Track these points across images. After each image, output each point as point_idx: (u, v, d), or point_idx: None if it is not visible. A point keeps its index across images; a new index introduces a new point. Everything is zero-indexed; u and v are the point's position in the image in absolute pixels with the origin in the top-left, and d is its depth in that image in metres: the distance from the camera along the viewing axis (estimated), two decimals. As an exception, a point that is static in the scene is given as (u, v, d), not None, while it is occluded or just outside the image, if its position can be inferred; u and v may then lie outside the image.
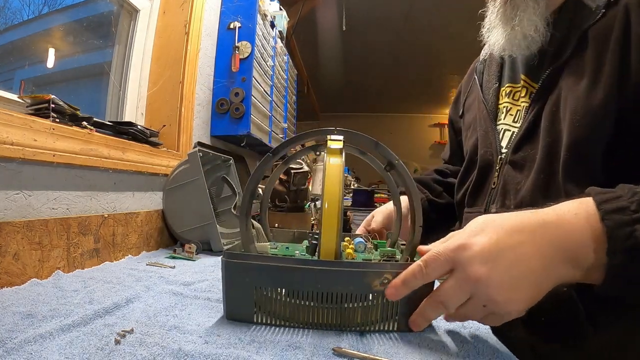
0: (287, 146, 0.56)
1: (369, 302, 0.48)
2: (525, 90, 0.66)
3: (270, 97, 1.79)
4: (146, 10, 1.34)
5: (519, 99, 0.68)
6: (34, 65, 1.06)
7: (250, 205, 0.54)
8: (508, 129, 0.68)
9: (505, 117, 0.69)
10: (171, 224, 1.07)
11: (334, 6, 3.21)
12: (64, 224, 0.74)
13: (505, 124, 0.69)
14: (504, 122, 0.69)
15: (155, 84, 1.31)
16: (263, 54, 1.65)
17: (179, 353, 0.40)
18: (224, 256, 0.49)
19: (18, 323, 0.45)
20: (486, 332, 0.51)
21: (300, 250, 0.65)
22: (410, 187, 0.53)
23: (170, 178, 1.07)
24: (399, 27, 3.71)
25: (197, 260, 0.94)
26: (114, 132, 0.98)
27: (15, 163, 0.67)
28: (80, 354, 0.39)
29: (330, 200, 0.49)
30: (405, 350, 0.44)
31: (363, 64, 4.65)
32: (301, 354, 0.42)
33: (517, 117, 0.67)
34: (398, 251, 0.63)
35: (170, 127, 1.27)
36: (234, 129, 1.50)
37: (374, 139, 0.55)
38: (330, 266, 0.47)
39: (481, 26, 0.69)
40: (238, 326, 0.48)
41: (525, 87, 0.67)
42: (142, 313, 0.52)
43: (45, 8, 1.09)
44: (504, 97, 0.71)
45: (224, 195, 1.29)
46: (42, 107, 0.79)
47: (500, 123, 0.70)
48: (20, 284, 0.63)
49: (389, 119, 6.85)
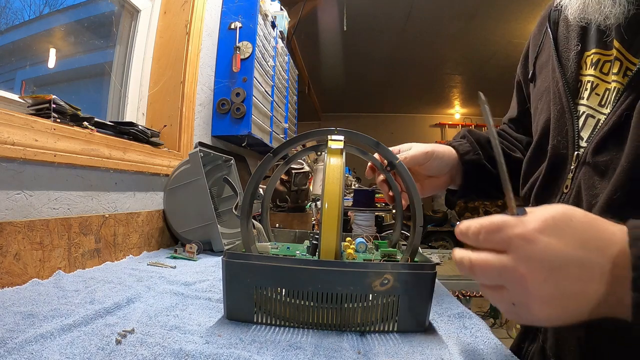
0: (288, 146, 0.56)
1: (369, 302, 0.48)
2: (619, 65, 0.48)
3: (271, 97, 1.79)
4: (147, 10, 1.35)
5: (609, 73, 0.50)
6: (35, 65, 1.06)
7: (251, 206, 0.54)
8: (592, 115, 0.51)
9: (589, 96, 0.52)
10: (172, 224, 1.08)
11: (334, 6, 3.21)
12: (65, 224, 0.74)
13: (588, 106, 0.52)
14: (587, 104, 0.52)
15: (156, 84, 1.31)
16: (264, 54, 1.65)
17: (180, 353, 0.40)
18: (225, 256, 0.49)
19: (19, 323, 0.45)
20: (487, 332, 0.51)
21: (301, 251, 0.65)
22: (411, 187, 0.53)
23: (171, 178, 1.07)
24: (400, 27, 3.71)
25: (198, 260, 0.94)
26: (115, 132, 0.98)
27: (17, 163, 0.68)
28: (81, 353, 0.39)
29: (330, 201, 0.49)
30: (406, 350, 0.44)
31: (364, 64, 4.65)
32: (302, 354, 0.42)
33: (605, 100, 0.50)
34: (399, 251, 0.63)
35: (171, 127, 1.27)
36: (235, 129, 1.50)
37: (374, 139, 0.55)
38: (330, 266, 0.47)
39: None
40: (239, 326, 0.49)
41: (620, 59, 0.49)
42: (143, 313, 0.52)
43: (46, 8, 1.09)
44: (589, 66, 0.53)
45: (225, 195, 1.29)
46: (43, 107, 0.79)
47: (582, 103, 0.53)
48: (22, 283, 0.63)
49: (389, 119, 6.84)
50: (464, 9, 3.29)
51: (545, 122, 0.59)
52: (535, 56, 0.65)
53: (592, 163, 0.49)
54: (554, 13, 0.60)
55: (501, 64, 4.36)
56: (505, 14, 3.35)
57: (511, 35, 3.72)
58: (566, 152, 0.54)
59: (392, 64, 4.63)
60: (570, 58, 0.55)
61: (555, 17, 0.60)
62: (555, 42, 0.57)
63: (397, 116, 6.85)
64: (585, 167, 0.50)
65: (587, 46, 0.54)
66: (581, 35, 0.54)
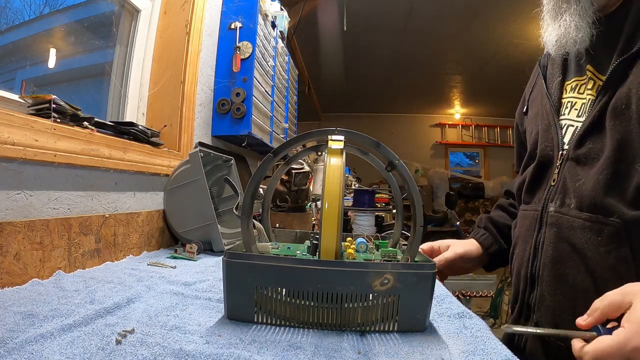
0: (288, 146, 0.56)
1: (370, 302, 0.48)
2: (592, 83, 0.63)
3: (272, 97, 1.79)
4: (147, 10, 1.34)
5: (584, 91, 0.65)
6: (35, 65, 1.06)
7: (252, 206, 0.53)
8: (571, 124, 0.65)
9: (569, 112, 0.66)
10: (172, 224, 1.08)
11: (335, 6, 3.21)
12: (65, 224, 0.74)
13: (569, 119, 0.66)
14: (568, 117, 0.66)
15: (156, 84, 1.31)
16: (264, 54, 1.65)
17: (180, 353, 0.40)
18: (225, 256, 0.49)
19: (19, 323, 0.45)
20: (487, 332, 0.51)
21: (302, 251, 0.65)
22: (411, 187, 0.53)
23: (172, 178, 1.07)
24: (400, 27, 3.71)
25: (198, 260, 0.94)
26: (115, 132, 0.98)
27: (17, 163, 0.67)
28: (81, 353, 0.39)
29: (330, 201, 0.49)
30: (406, 350, 0.44)
31: (364, 64, 4.65)
32: (302, 353, 0.41)
33: (581, 111, 0.64)
34: (399, 251, 0.63)
35: (171, 127, 1.27)
36: (235, 129, 1.50)
37: (374, 139, 0.55)
38: (330, 266, 0.47)
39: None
40: (239, 326, 0.49)
41: (592, 79, 0.63)
42: (143, 313, 0.52)
43: (46, 8, 1.09)
44: (569, 91, 0.68)
45: (225, 195, 1.29)
46: (43, 107, 0.79)
47: (563, 118, 0.67)
48: (22, 283, 0.63)
49: (390, 119, 6.84)
50: (464, 9, 3.29)
51: (535, 136, 0.72)
52: (529, 93, 0.81)
53: (574, 157, 0.62)
54: (543, 59, 0.78)
55: (501, 64, 4.36)
56: (505, 14, 3.35)
57: (511, 35, 3.72)
58: (552, 153, 0.67)
59: (392, 64, 4.63)
60: (554, 86, 0.71)
61: (544, 62, 0.77)
62: (544, 78, 0.74)
63: (397, 116, 6.85)
64: (569, 162, 0.62)
65: (567, 76, 0.70)
66: (562, 68, 0.71)
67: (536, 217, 0.67)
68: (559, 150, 0.65)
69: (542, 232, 0.65)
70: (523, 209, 0.73)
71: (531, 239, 0.67)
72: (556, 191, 0.64)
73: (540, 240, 0.65)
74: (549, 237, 0.63)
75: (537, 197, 0.69)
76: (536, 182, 0.70)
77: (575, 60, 0.68)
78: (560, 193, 0.63)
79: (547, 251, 0.63)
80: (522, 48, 3.91)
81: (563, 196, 0.62)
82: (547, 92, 0.71)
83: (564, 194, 0.62)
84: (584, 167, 0.60)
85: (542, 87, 0.73)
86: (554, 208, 0.63)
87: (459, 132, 6.84)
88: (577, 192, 0.60)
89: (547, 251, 0.63)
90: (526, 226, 0.70)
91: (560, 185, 0.63)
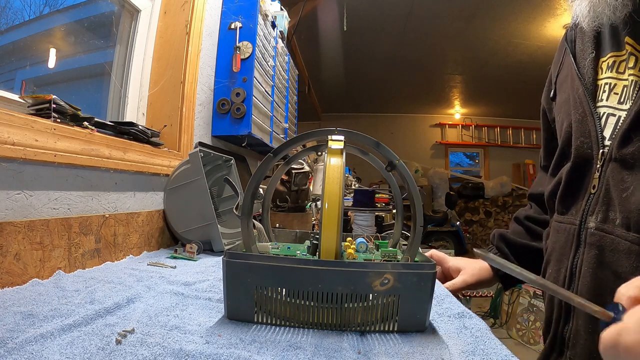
0: (288, 146, 0.56)
1: (370, 302, 0.48)
2: (635, 60, 0.51)
3: (272, 97, 1.79)
4: (147, 10, 1.34)
5: (625, 71, 0.52)
6: (35, 65, 1.06)
7: (252, 206, 0.54)
8: (613, 113, 0.53)
9: (608, 97, 0.54)
10: (172, 224, 1.08)
11: (335, 6, 3.22)
12: (65, 224, 0.74)
13: (608, 106, 0.54)
14: (607, 104, 0.54)
15: (156, 84, 1.31)
16: (264, 54, 1.65)
17: (180, 353, 0.40)
18: (225, 256, 0.49)
19: (19, 323, 0.45)
20: (487, 332, 0.51)
21: (302, 251, 0.65)
22: (411, 187, 0.53)
23: (172, 178, 1.07)
24: (400, 27, 3.71)
25: (198, 260, 0.94)
26: (115, 132, 0.98)
27: (17, 163, 0.67)
28: (81, 353, 0.39)
29: (330, 201, 0.49)
30: (406, 350, 0.44)
31: (364, 64, 4.65)
32: (302, 354, 0.41)
33: (624, 97, 0.52)
34: (399, 251, 0.63)
35: (171, 127, 1.27)
36: (235, 129, 1.50)
37: (374, 139, 0.55)
38: (330, 266, 0.47)
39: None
40: (239, 326, 0.49)
41: (634, 54, 0.51)
42: (143, 313, 0.52)
43: (46, 8, 1.09)
44: (605, 70, 0.55)
45: (225, 195, 1.29)
46: (43, 107, 0.79)
47: (601, 105, 0.55)
48: (22, 283, 0.63)
49: (390, 119, 6.85)
50: (464, 8, 3.29)
51: (567, 128, 0.59)
52: (556, 75, 0.67)
53: (619, 158, 0.49)
54: (570, 33, 0.64)
55: (501, 64, 4.36)
56: (505, 14, 3.35)
57: (511, 35, 3.72)
58: (591, 151, 0.54)
59: (392, 64, 4.64)
60: (586, 65, 0.57)
61: (572, 36, 0.63)
62: (574, 55, 0.60)
63: (397, 116, 6.86)
64: (613, 164, 0.50)
65: (602, 52, 0.57)
66: (595, 43, 0.57)
67: (573, 232, 0.56)
68: (599, 149, 0.53)
69: (580, 253, 0.54)
70: (557, 220, 0.61)
71: (567, 259, 0.57)
72: (597, 202, 0.52)
73: (577, 262, 0.55)
74: (588, 260, 0.52)
75: (575, 207, 0.57)
76: (572, 188, 0.57)
77: (610, 31, 0.55)
78: (602, 204, 0.51)
79: (585, 278, 0.53)
80: (522, 48, 3.92)
81: (606, 209, 0.51)
82: (578, 72, 0.58)
83: (607, 205, 0.51)
84: (631, 171, 0.47)
85: (571, 67, 0.60)
86: (595, 224, 0.52)
87: (459, 132, 6.85)
88: (623, 204, 0.48)
89: (584, 278, 0.53)
90: (561, 243, 0.59)
91: (602, 194, 0.51)
